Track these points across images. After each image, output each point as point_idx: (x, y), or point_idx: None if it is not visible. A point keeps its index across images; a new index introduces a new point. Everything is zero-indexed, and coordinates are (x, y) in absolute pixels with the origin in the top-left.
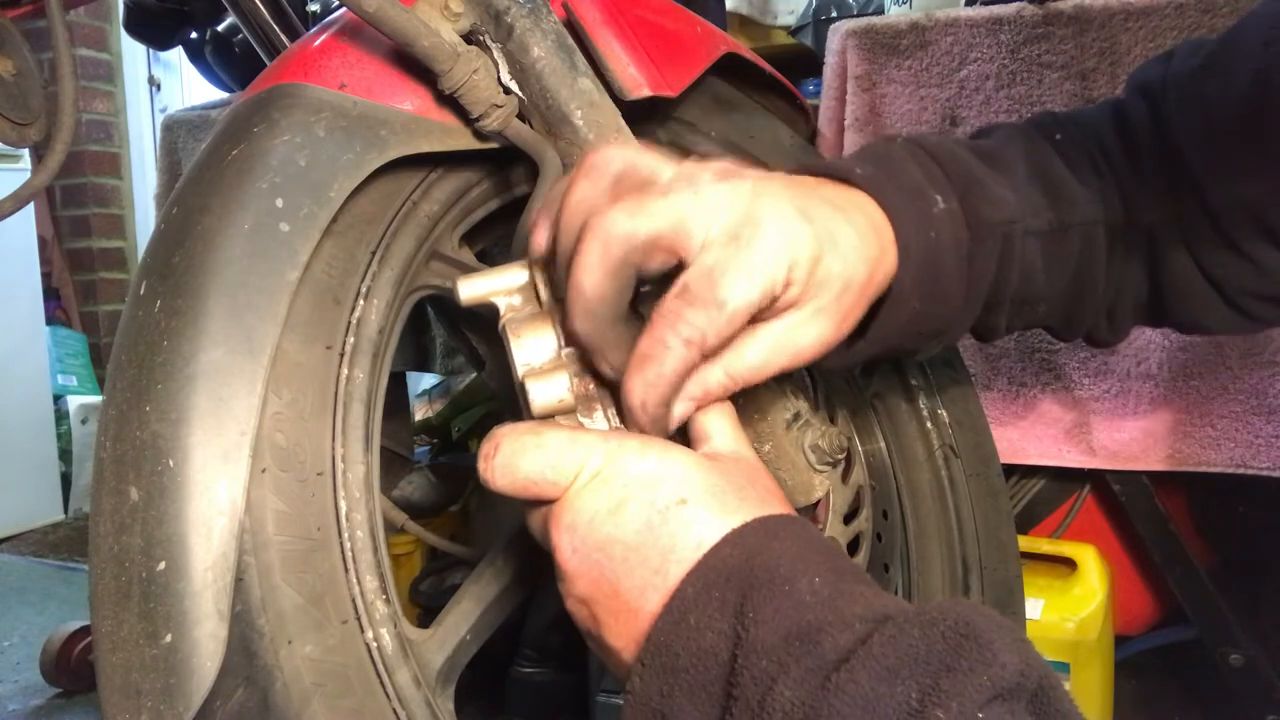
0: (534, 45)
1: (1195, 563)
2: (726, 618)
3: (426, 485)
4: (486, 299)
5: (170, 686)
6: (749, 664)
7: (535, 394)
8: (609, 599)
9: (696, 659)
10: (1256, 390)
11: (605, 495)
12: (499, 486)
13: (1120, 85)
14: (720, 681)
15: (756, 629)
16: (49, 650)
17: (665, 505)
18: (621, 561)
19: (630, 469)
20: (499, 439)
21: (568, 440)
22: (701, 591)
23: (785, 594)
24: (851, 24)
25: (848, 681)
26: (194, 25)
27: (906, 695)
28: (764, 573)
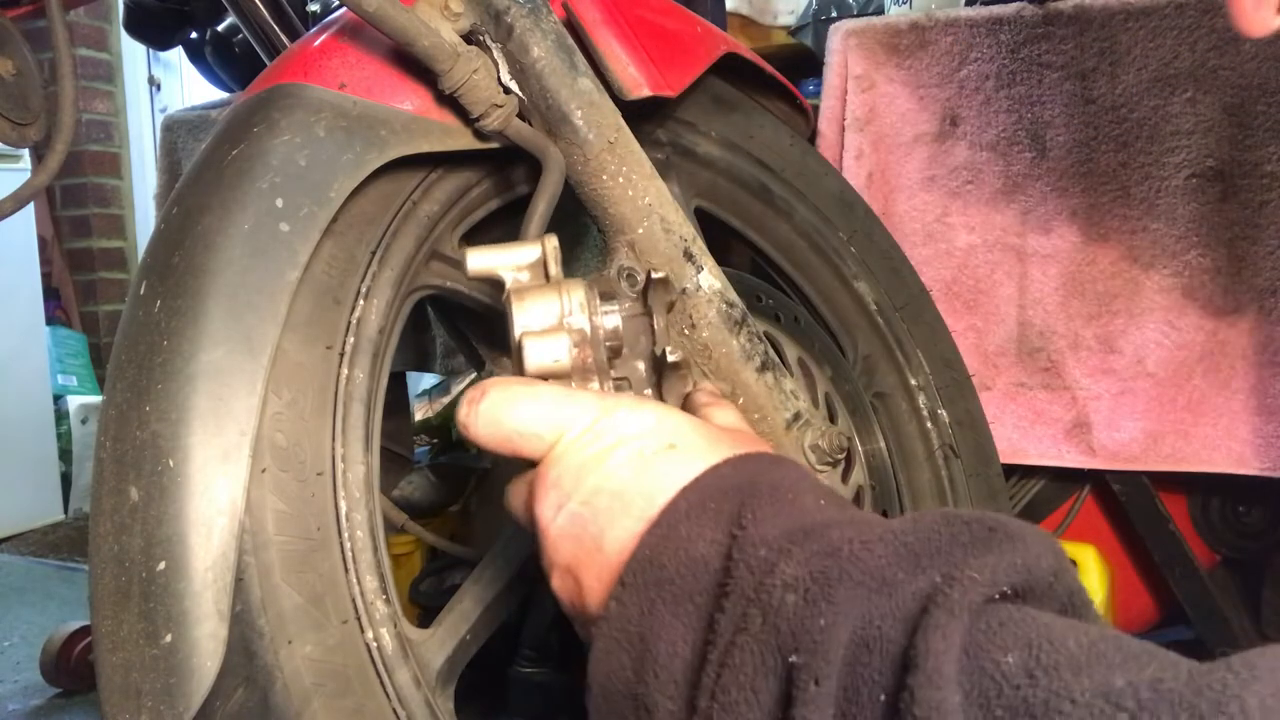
0: (534, 45)
1: (1195, 563)
2: (721, 526)
3: (426, 485)
4: (494, 271)
5: (170, 686)
6: (744, 555)
7: (531, 352)
8: (592, 554)
9: (685, 567)
10: (1257, 390)
11: (594, 447)
12: (479, 435)
13: (1120, 85)
14: (709, 591)
15: (755, 527)
16: (49, 650)
17: (654, 450)
18: (606, 510)
19: (622, 423)
20: (487, 386)
21: (562, 395)
22: (695, 505)
23: (789, 501)
24: (851, 24)
25: (863, 551)
26: (194, 25)
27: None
28: (766, 485)
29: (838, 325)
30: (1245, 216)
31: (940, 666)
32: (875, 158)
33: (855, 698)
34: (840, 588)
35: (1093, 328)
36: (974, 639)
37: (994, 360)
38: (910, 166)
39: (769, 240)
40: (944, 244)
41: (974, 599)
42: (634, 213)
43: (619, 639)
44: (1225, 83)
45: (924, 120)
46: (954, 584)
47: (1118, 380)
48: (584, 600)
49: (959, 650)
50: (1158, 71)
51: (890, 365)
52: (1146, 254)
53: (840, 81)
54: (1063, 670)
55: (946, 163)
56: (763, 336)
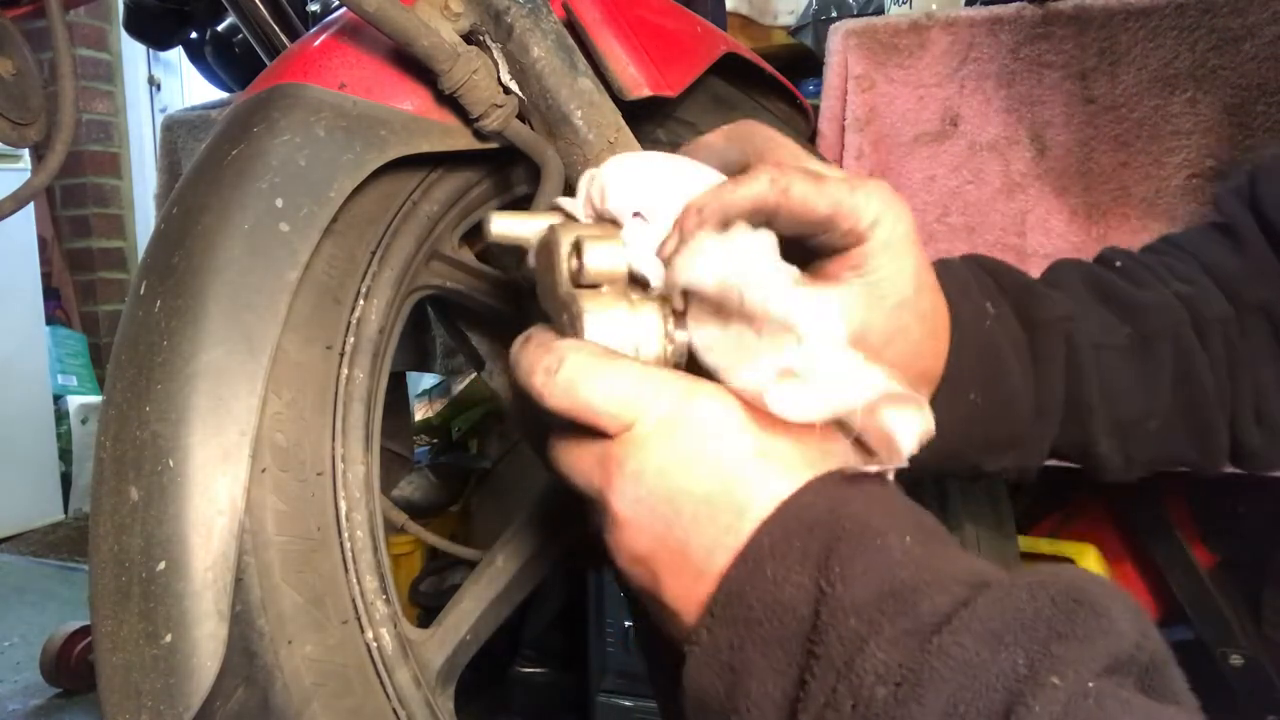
0: (534, 45)
1: (1195, 563)
2: (808, 570)
3: (426, 485)
4: (517, 237)
5: (170, 686)
6: (835, 622)
7: (591, 252)
8: (674, 556)
9: (773, 612)
10: None
11: (678, 443)
12: (555, 404)
13: (1120, 85)
14: (799, 639)
15: (844, 585)
16: (49, 650)
17: (742, 457)
18: (692, 519)
19: (705, 413)
20: (563, 352)
21: (640, 372)
22: (780, 541)
23: (876, 549)
24: (851, 24)
25: (951, 644)
26: (194, 25)
27: (1013, 661)
28: (851, 525)
29: None
30: None
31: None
32: (875, 158)
33: None
34: (929, 689)
35: None
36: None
37: None
38: (910, 166)
39: None
40: (944, 244)
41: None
42: None
43: (711, 664)
44: (1225, 83)
45: (924, 120)
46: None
47: None
48: (661, 592)
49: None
50: (1158, 71)
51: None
52: None
53: (840, 81)
54: None
55: (946, 163)
56: None
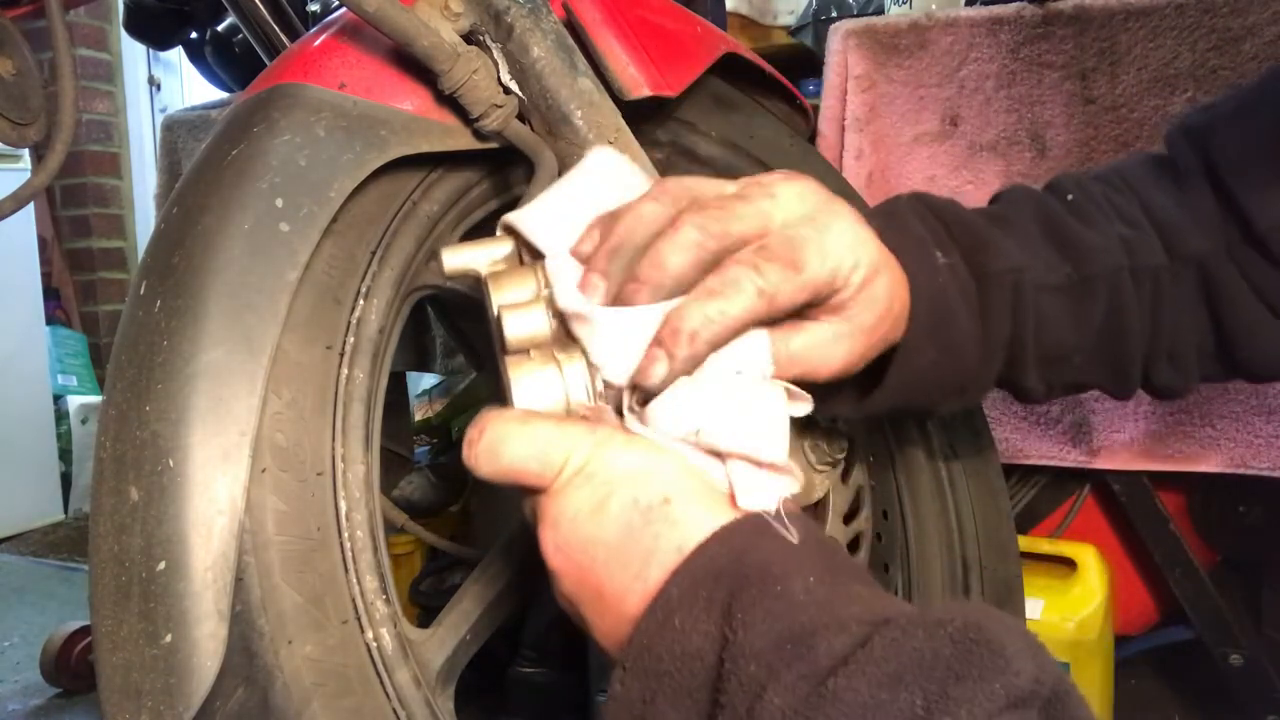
0: (534, 45)
1: (1195, 563)
2: (713, 619)
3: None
4: (470, 268)
5: (170, 686)
6: (736, 669)
7: (510, 324)
8: (593, 600)
9: (681, 663)
10: (1256, 390)
11: (588, 492)
12: (483, 473)
13: (1120, 85)
14: (706, 688)
15: (745, 631)
16: (49, 650)
17: (648, 504)
18: (604, 564)
19: (615, 463)
20: (484, 423)
21: (554, 430)
22: (687, 592)
23: (777, 595)
24: (851, 24)
25: (845, 689)
26: (194, 25)
27: (911, 703)
28: (754, 570)
29: None
30: None
31: None
32: (875, 158)
33: None
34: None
35: None
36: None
37: None
38: (910, 166)
39: None
40: None
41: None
42: None
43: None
44: (1225, 83)
45: (924, 120)
46: None
47: None
48: (587, 627)
49: None
50: (1158, 71)
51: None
52: None
53: (840, 81)
54: None
55: (946, 163)
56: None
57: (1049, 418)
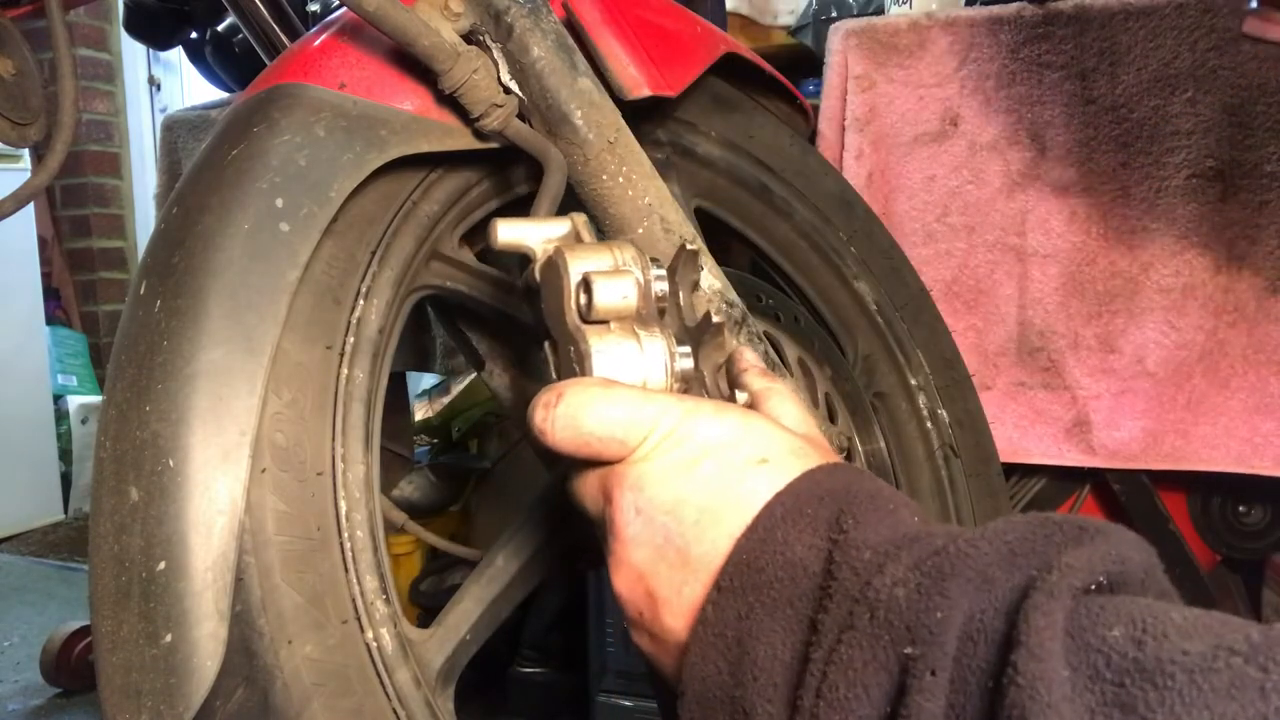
0: (534, 45)
1: (1195, 563)
2: (819, 533)
3: (426, 485)
4: (524, 243)
5: (170, 686)
6: (848, 559)
7: (601, 290)
8: (674, 568)
9: (783, 572)
10: (1256, 389)
11: (678, 455)
12: (557, 441)
13: (1120, 85)
14: (809, 596)
15: (857, 531)
16: (49, 650)
17: (744, 462)
18: (693, 524)
19: (706, 431)
20: (562, 389)
21: (641, 398)
22: (792, 509)
23: (889, 510)
24: (851, 24)
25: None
26: (194, 25)
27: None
28: (863, 494)
29: (838, 325)
30: (1245, 216)
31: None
32: (875, 158)
33: (964, 688)
34: (952, 582)
35: (1093, 327)
36: (1076, 620)
37: (994, 360)
38: (910, 166)
39: (769, 240)
40: (944, 244)
41: (1073, 583)
42: (634, 213)
43: (715, 643)
44: (1225, 83)
45: (924, 120)
46: (1052, 571)
47: (1118, 380)
48: (655, 610)
49: (1062, 629)
50: (1158, 71)
51: (890, 365)
52: (1146, 254)
53: (840, 81)
54: (1171, 636)
55: (946, 163)
56: (763, 336)
57: (1049, 417)
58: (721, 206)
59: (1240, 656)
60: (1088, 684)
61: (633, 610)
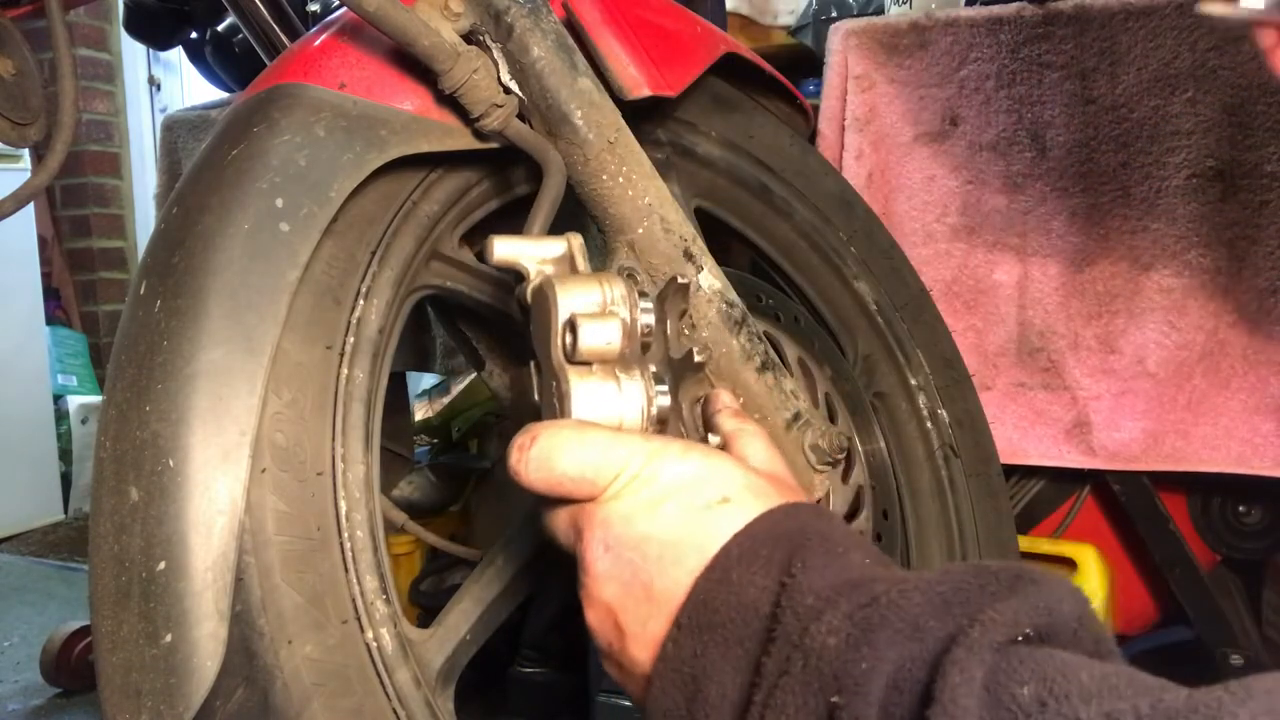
0: (534, 45)
1: (1195, 563)
2: (771, 575)
3: (426, 485)
4: (518, 262)
5: (170, 686)
6: (792, 603)
7: (586, 332)
8: (639, 603)
9: (735, 613)
10: (1257, 389)
11: (645, 495)
12: (531, 481)
13: (1120, 85)
14: (758, 636)
15: (804, 575)
16: (49, 650)
17: (707, 502)
18: (656, 560)
19: (671, 471)
20: (536, 431)
21: (611, 440)
22: (747, 550)
23: (838, 554)
24: (851, 24)
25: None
26: (194, 25)
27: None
28: (816, 537)
29: (838, 325)
30: (1245, 216)
31: (956, 698)
32: (875, 158)
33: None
34: (881, 633)
35: (1093, 328)
36: (993, 674)
37: (994, 360)
38: (910, 166)
39: (769, 240)
40: (944, 244)
41: (995, 638)
42: (634, 213)
43: (673, 678)
44: (1225, 83)
45: (924, 120)
46: (976, 624)
47: (1118, 380)
48: (623, 642)
49: (979, 685)
50: (1158, 71)
51: (890, 365)
52: (1146, 254)
53: (840, 81)
54: (1073, 698)
55: (946, 163)
56: (763, 336)
57: (1049, 417)
58: (721, 206)
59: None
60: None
61: (603, 641)
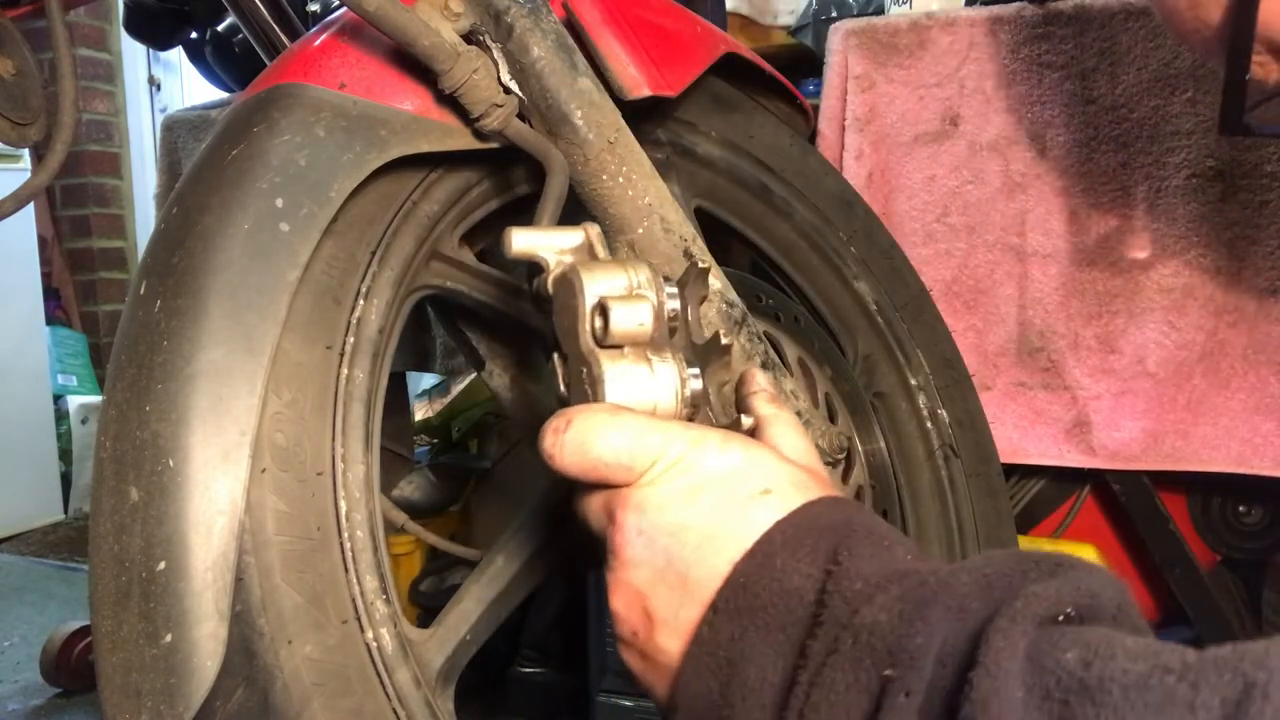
0: (534, 45)
1: (1195, 563)
2: (817, 563)
3: (426, 485)
4: (536, 252)
5: (170, 686)
6: (839, 588)
7: (618, 315)
8: (672, 589)
9: (778, 599)
10: (1257, 388)
11: (683, 481)
12: (565, 465)
13: (1120, 85)
14: (801, 624)
15: (851, 563)
16: (49, 650)
17: (748, 494)
18: (695, 548)
19: (711, 461)
20: (571, 414)
21: (648, 425)
22: (791, 539)
23: (884, 547)
24: (851, 24)
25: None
26: (194, 25)
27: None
28: (861, 529)
29: (838, 325)
30: (1245, 216)
31: (999, 661)
32: (875, 158)
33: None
34: (933, 609)
35: (1093, 328)
36: (1036, 645)
37: (994, 360)
38: (910, 166)
39: (769, 240)
40: (944, 244)
41: (1038, 611)
42: (634, 213)
43: (708, 662)
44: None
45: (924, 120)
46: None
47: (1118, 380)
48: (651, 631)
49: (1022, 653)
50: (1158, 71)
51: (890, 365)
52: (1146, 254)
53: (840, 81)
54: (1117, 657)
55: (946, 163)
56: (763, 336)
57: (1049, 417)
58: (721, 206)
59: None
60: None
61: (627, 629)
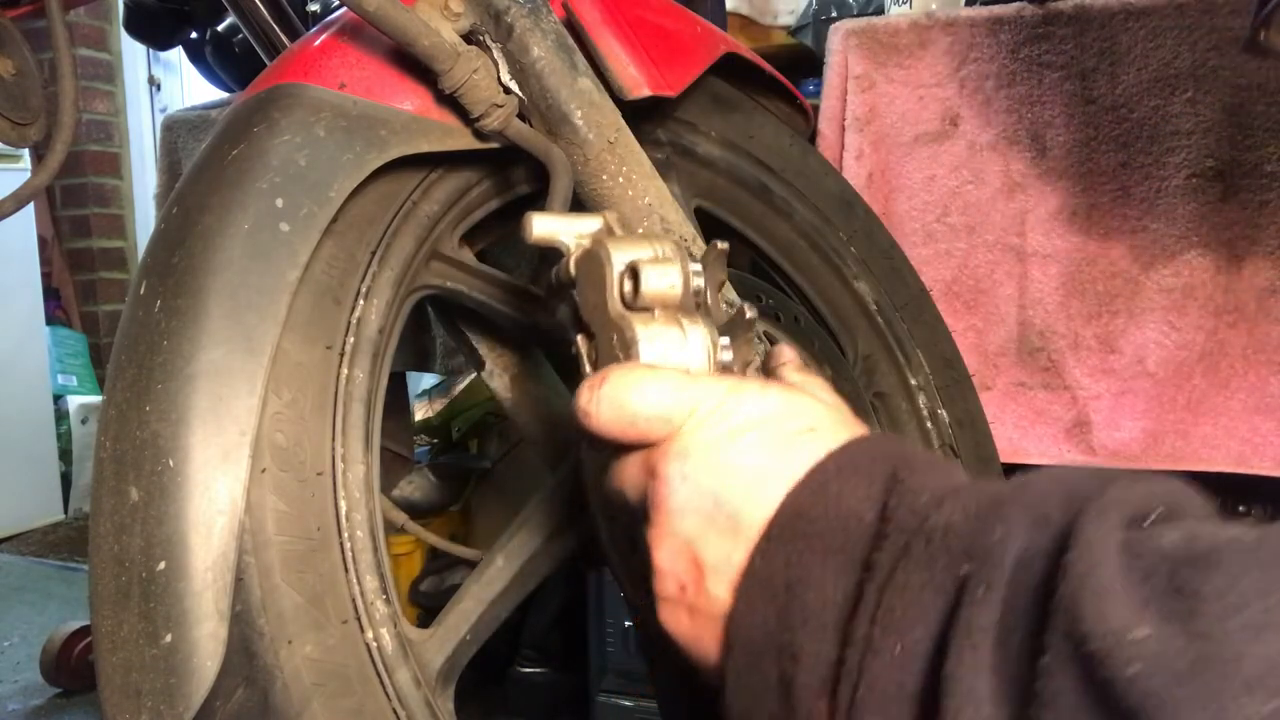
0: (534, 45)
1: None
2: (876, 484)
3: (426, 485)
4: (556, 237)
5: (170, 686)
6: (904, 502)
7: (649, 275)
8: (722, 533)
9: (835, 521)
10: (1256, 388)
11: (725, 425)
12: (602, 422)
13: (1120, 85)
14: (861, 543)
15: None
16: (49, 650)
17: (793, 432)
18: (744, 487)
19: (752, 405)
20: (607, 372)
21: (685, 378)
22: (846, 465)
23: (944, 469)
24: (851, 24)
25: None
26: (194, 25)
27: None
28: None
29: (838, 325)
30: (1245, 216)
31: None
32: (875, 158)
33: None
34: (1011, 509)
35: (1093, 328)
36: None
37: (994, 360)
38: (910, 166)
39: (769, 240)
40: (944, 244)
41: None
42: (634, 213)
43: (761, 592)
44: (1225, 83)
45: (924, 120)
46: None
47: (1118, 380)
48: (700, 580)
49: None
50: (1158, 71)
51: (890, 365)
52: (1146, 254)
53: (840, 81)
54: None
55: (946, 163)
56: (763, 336)
57: (1049, 417)
58: (721, 206)
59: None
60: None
61: (674, 584)
